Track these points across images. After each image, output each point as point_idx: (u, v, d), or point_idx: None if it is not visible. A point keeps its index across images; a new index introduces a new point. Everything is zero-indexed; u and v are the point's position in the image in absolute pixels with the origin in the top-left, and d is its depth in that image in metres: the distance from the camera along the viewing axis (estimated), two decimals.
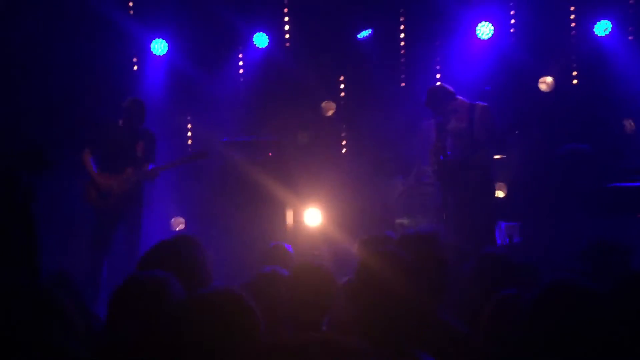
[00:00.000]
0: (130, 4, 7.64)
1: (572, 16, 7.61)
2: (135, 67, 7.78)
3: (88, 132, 6.21)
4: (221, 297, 1.72)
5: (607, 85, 7.41)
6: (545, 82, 7.56)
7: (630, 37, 7.45)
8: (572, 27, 7.63)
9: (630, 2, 7.40)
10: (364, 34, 7.76)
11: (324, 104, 7.95)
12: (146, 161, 6.02)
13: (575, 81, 7.67)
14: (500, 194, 7.29)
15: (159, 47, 7.62)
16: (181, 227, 7.54)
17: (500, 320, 2.06)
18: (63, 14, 7.18)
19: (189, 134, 7.92)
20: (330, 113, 7.99)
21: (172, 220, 7.53)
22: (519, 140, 7.27)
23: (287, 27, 7.93)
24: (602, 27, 7.40)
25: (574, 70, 7.66)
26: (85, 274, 5.64)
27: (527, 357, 1.57)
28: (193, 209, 7.32)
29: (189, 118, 7.90)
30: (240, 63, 8.00)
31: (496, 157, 6.99)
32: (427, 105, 5.61)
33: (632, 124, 7.41)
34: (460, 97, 5.72)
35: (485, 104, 5.71)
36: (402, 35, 7.92)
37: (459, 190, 5.51)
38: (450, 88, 5.74)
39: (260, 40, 7.81)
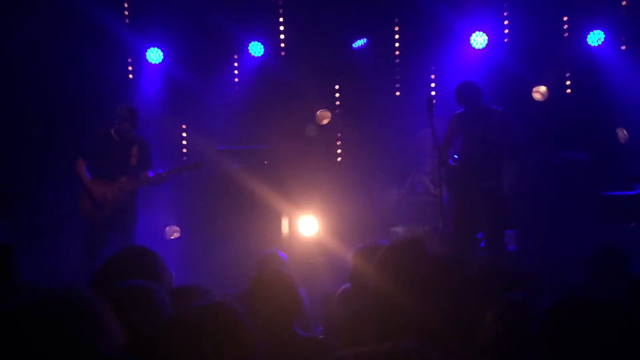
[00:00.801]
0: (126, 12, 7.65)
1: (566, 26, 7.67)
2: (131, 76, 7.78)
3: (82, 141, 6.18)
4: (214, 310, 1.66)
5: (600, 94, 7.46)
6: (539, 92, 7.60)
7: (622, 47, 7.50)
8: (565, 37, 7.69)
9: (623, 8, 7.44)
10: (359, 43, 7.79)
11: (319, 113, 7.96)
12: (142, 168, 6.00)
13: (568, 90, 7.71)
14: None
15: (154, 55, 7.62)
16: (176, 235, 7.50)
17: (507, 325, 2.04)
18: (59, 22, 7.18)
19: (184, 142, 7.91)
20: (325, 122, 7.99)
21: (167, 228, 7.50)
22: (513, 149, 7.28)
23: (282, 36, 7.95)
24: (595, 37, 7.46)
25: (568, 80, 7.71)
26: (77, 283, 5.60)
27: None
28: (188, 217, 7.29)
29: (184, 127, 7.89)
30: (236, 72, 8.01)
31: None
32: (457, 94, 5.52)
33: (625, 133, 7.45)
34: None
35: (503, 109, 5.67)
36: (397, 44, 7.95)
37: (472, 197, 5.43)
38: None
39: (256, 49, 7.83)
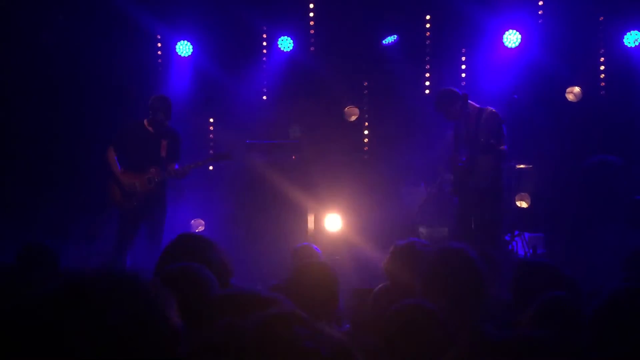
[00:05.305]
0: (156, 5, 7.68)
1: (601, 26, 7.51)
2: (160, 68, 7.81)
3: (114, 131, 6.22)
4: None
5: (635, 96, 7.29)
6: (573, 92, 7.46)
7: None
8: (600, 37, 7.53)
9: None
10: (390, 39, 7.72)
11: (347, 109, 7.92)
12: (171, 161, 6.01)
13: (603, 92, 7.55)
14: (523, 204, 7.18)
15: (183, 48, 7.64)
16: (201, 228, 7.52)
17: (546, 320, 2.01)
18: (90, 14, 7.23)
19: (212, 135, 7.92)
20: (353, 118, 7.95)
21: (192, 221, 7.52)
22: (544, 150, 7.16)
23: (312, 32, 7.91)
24: (632, 38, 7.30)
25: (602, 81, 7.55)
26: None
27: None
28: (214, 210, 7.30)
29: (212, 120, 7.90)
30: (265, 66, 7.99)
31: (521, 166, 6.90)
32: (437, 109, 5.63)
33: None
34: (471, 102, 5.70)
35: (493, 109, 5.67)
36: (427, 42, 7.86)
37: (465, 196, 5.51)
38: (459, 92, 5.71)
39: (285, 44, 7.81)
